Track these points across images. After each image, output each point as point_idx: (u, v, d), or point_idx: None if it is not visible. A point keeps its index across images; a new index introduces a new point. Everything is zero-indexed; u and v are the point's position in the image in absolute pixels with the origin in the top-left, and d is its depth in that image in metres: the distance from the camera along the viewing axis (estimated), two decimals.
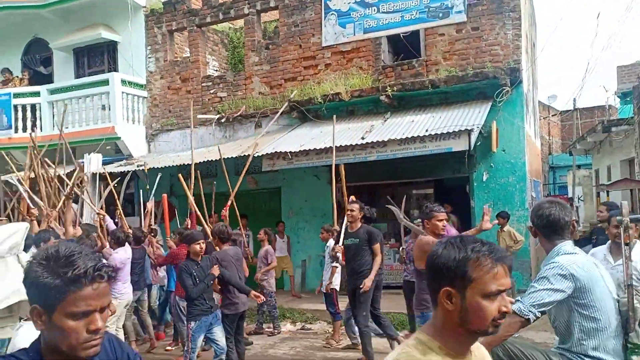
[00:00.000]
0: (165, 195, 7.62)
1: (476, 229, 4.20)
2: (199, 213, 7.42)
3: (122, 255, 6.25)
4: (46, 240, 5.44)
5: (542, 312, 2.58)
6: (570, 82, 41.35)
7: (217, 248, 5.67)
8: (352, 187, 11.13)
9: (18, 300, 3.52)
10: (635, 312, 2.62)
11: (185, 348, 5.14)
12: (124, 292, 6.21)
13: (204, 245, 5.18)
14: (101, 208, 7.92)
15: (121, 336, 6.08)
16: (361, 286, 5.69)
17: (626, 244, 2.81)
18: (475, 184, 9.19)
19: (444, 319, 1.48)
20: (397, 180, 10.17)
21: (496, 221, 7.23)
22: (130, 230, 7.36)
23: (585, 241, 6.94)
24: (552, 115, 19.60)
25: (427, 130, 8.03)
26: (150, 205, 7.89)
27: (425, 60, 9.52)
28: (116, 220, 8.03)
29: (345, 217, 6.11)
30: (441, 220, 4.37)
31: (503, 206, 8.73)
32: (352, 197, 6.64)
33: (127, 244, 6.50)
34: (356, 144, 8.29)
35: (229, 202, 7.55)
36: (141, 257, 7.06)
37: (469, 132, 7.78)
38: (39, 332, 2.82)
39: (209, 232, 6.30)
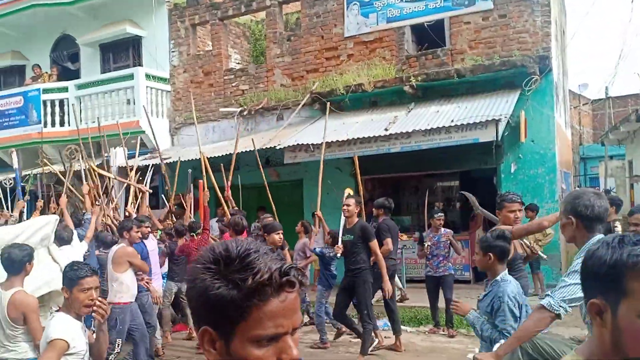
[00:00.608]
0: (201, 181, 7.59)
1: None
2: (225, 206, 7.43)
3: (150, 245, 6.31)
4: (129, 229, 5.36)
5: (573, 307, 2.49)
6: (602, 70, 40.09)
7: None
8: (376, 179, 11.04)
9: (48, 290, 3.63)
10: None
11: None
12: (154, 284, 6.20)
13: (282, 236, 5.22)
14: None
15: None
16: (382, 291, 5.73)
17: None
18: (503, 176, 8.95)
19: (597, 338, 1.17)
20: (422, 172, 9.99)
21: None
22: (157, 223, 7.43)
23: None
24: (583, 104, 19.01)
25: (452, 121, 7.86)
26: (191, 200, 7.91)
27: (451, 50, 9.30)
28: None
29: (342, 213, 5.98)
30: (514, 211, 3.93)
31: (532, 198, 8.48)
32: (349, 191, 6.50)
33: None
34: (379, 136, 8.16)
35: (228, 185, 7.56)
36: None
37: (496, 122, 7.58)
38: (70, 322, 2.83)
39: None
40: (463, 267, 9.54)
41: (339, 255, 5.82)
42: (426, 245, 6.81)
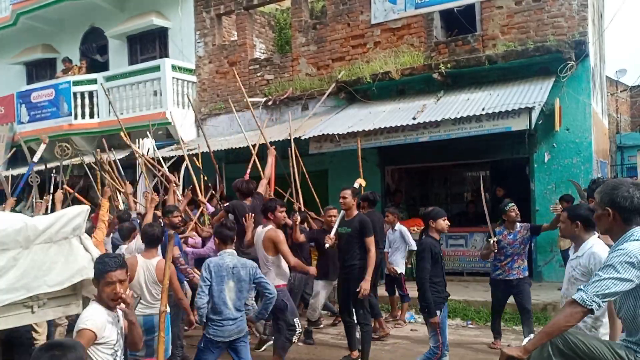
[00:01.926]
0: (273, 147, 7.42)
1: None
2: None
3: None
4: (274, 209, 5.20)
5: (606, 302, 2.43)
6: None
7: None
8: (403, 169, 10.84)
9: (81, 279, 3.67)
10: None
11: (434, 344, 4.57)
12: None
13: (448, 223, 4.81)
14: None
15: None
16: (358, 290, 5.18)
17: None
18: (536, 166, 8.65)
19: None
20: (451, 162, 9.74)
21: None
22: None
23: None
24: (620, 91, 18.28)
25: (483, 109, 7.59)
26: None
27: (482, 35, 8.99)
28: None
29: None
30: None
31: (566, 189, 8.16)
32: (360, 181, 6.19)
33: None
34: (407, 125, 7.95)
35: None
36: None
37: (529, 110, 7.28)
38: (100, 313, 2.90)
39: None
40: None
41: (327, 245, 5.52)
42: (492, 242, 5.67)
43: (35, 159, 6.92)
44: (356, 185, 6.03)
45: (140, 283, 4.45)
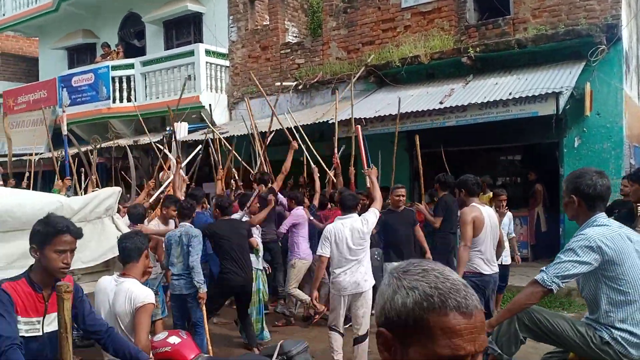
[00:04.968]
0: (295, 146, 7.68)
1: None
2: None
3: (302, 212, 6.77)
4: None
5: (566, 283, 2.59)
6: None
7: None
8: (432, 153, 10.87)
9: (113, 256, 3.93)
10: None
11: None
12: (309, 252, 6.61)
13: None
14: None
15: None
16: None
17: None
18: (566, 150, 8.60)
19: None
20: (482, 146, 9.74)
21: None
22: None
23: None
24: None
25: (510, 94, 7.60)
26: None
27: (513, 19, 8.92)
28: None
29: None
30: None
31: None
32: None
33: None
34: (434, 109, 8.03)
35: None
36: None
37: (556, 94, 7.25)
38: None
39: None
40: (521, 244, 9.33)
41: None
42: None
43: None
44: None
45: None
